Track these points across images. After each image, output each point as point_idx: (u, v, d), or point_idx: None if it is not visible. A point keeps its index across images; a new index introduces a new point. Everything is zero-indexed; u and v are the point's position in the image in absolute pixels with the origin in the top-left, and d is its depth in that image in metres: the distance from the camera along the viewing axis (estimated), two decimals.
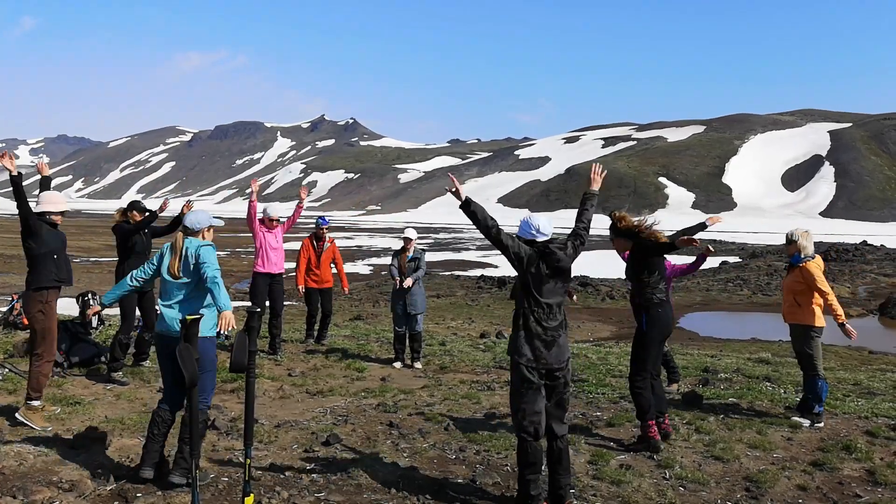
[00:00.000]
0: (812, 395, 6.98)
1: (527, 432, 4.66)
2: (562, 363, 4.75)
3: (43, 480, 4.96)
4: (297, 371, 9.02)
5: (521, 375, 4.71)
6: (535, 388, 4.70)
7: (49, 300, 6.45)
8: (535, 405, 4.68)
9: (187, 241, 5.19)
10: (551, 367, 4.72)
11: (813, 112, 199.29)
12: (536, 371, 4.69)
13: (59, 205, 6.59)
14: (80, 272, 29.74)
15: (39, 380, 6.37)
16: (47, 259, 6.41)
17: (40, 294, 6.40)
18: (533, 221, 4.89)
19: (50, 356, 6.51)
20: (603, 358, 10.85)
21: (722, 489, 5.28)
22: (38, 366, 6.38)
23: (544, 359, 4.69)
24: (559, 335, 4.77)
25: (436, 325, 18.66)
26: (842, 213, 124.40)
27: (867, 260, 39.46)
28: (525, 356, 4.70)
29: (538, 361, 4.69)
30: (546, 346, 4.70)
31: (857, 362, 14.01)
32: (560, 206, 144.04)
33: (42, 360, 6.41)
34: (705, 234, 55.41)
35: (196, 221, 5.25)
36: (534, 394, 4.70)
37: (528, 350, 4.70)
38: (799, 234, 7.20)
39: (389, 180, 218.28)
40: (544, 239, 4.85)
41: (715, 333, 19.40)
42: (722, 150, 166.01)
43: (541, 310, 4.73)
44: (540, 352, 4.69)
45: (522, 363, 4.70)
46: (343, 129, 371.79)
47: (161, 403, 5.11)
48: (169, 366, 5.07)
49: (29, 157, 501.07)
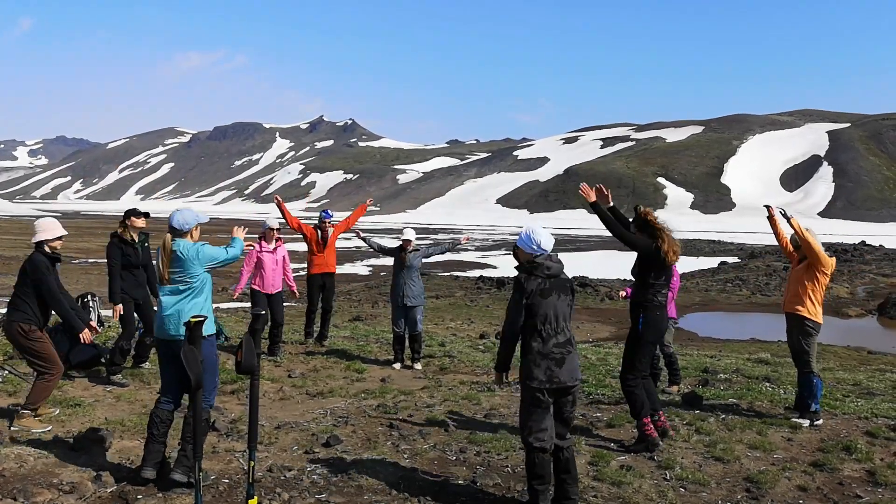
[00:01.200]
0: (807, 393, 6.98)
1: (534, 448, 4.66)
2: (575, 381, 4.74)
3: (43, 482, 4.96)
4: (297, 372, 9.01)
5: (532, 396, 4.69)
6: (545, 406, 4.69)
7: (31, 329, 6.35)
8: (543, 423, 4.68)
9: (175, 244, 5.11)
10: (565, 385, 4.69)
11: (811, 112, 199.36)
12: (549, 392, 4.68)
13: (55, 231, 6.46)
14: (79, 274, 29.69)
15: (42, 393, 6.32)
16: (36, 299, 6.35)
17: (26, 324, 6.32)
18: (535, 237, 4.80)
19: (58, 372, 6.44)
20: (602, 359, 10.86)
21: (722, 490, 5.28)
22: (47, 381, 6.33)
23: (558, 377, 4.66)
24: (568, 352, 4.74)
25: (435, 325, 18.67)
26: (840, 214, 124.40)
27: (866, 260, 39.53)
28: (538, 379, 4.65)
29: (552, 382, 4.65)
30: (557, 364, 4.68)
31: (856, 362, 14.02)
32: (559, 206, 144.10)
33: (53, 376, 6.37)
34: (701, 234, 54.99)
35: (184, 222, 5.17)
36: (543, 412, 4.69)
37: (540, 372, 4.66)
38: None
39: (388, 181, 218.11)
40: (543, 255, 4.81)
41: (714, 334, 19.42)
42: (720, 150, 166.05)
43: (548, 326, 4.70)
44: (552, 371, 4.66)
45: (535, 386, 4.66)
46: (342, 130, 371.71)
47: (159, 402, 5.10)
48: (170, 367, 5.08)
49: (27, 159, 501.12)
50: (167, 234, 5.15)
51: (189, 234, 5.21)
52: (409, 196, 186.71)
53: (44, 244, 6.39)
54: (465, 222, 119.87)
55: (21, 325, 6.29)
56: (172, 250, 5.09)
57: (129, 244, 8.00)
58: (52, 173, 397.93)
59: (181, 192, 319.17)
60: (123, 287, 7.91)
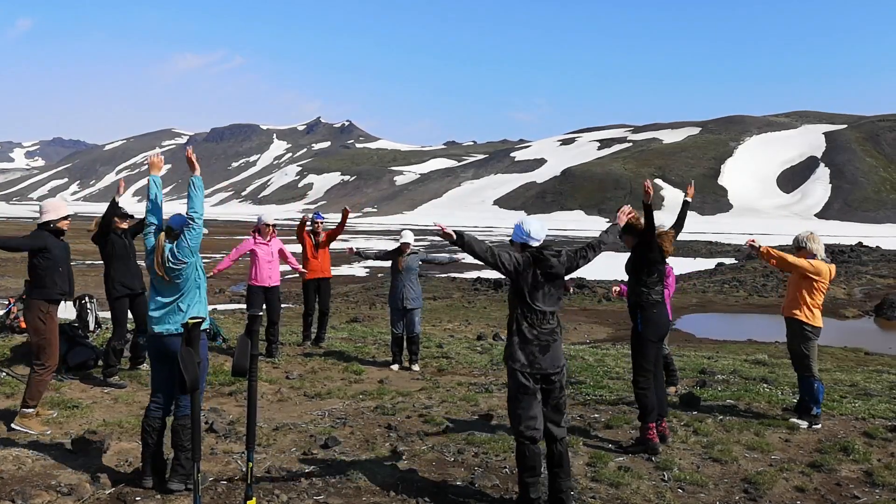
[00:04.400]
0: (809, 397, 6.97)
1: (525, 437, 4.68)
2: (557, 368, 4.78)
3: (42, 484, 4.95)
4: (295, 374, 9.01)
5: (516, 381, 4.73)
6: (532, 393, 4.72)
7: (51, 311, 6.43)
8: (531, 410, 4.70)
9: (167, 242, 5.10)
10: (546, 372, 4.74)
11: (808, 113, 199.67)
12: (532, 376, 4.71)
13: (60, 210, 6.54)
14: (76, 275, 29.60)
15: (38, 388, 6.35)
16: (53, 272, 6.39)
17: (42, 304, 6.38)
18: (525, 226, 4.92)
19: (52, 366, 6.47)
20: (600, 360, 10.86)
21: (720, 491, 5.29)
22: (40, 374, 6.35)
23: (539, 363, 4.72)
24: (553, 340, 4.80)
25: (433, 327, 18.67)
26: (837, 215, 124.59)
27: (863, 261, 39.55)
28: (519, 361, 4.72)
29: (533, 367, 4.71)
30: (541, 350, 4.73)
31: (853, 363, 14.05)
32: (556, 207, 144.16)
33: (45, 369, 6.38)
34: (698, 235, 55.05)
35: (178, 223, 5.17)
36: (530, 399, 4.72)
37: (522, 355, 4.72)
38: (805, 237, 7.16)
39: (385, 182, 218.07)
40: (537, 244, 4.87)
41: (711, 335, 19.43)
42: (717, 151, 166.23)
43: (534, 315, 4.76)
44: (534, 357, 4.72)
45: (517, 368, 4.72)
46: (339, 132, 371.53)
47: (149, 409, 5.08)
48: (161, 365, 5.07)
49: (24, 160, 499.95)
50: (161, 235, 5.14)
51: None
52: (406, 197, 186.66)
53: (50, 224, 6.44)
54: (463, 224, 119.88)
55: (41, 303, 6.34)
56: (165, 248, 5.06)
57: (119, 236, 8.03)
58: (49, 175, 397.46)
59: (178, 193, 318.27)
60: (120, 279, 7.92)
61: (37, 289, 6.40)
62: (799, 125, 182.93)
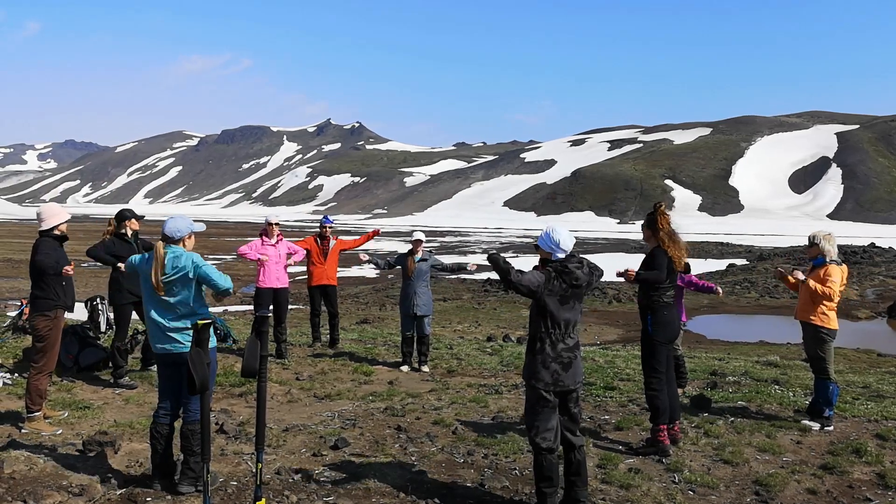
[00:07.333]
0: (822, 399, 6.93)
1: (542, 448, 4.66)
2: (578, 383, 4.77)
3: (53, 485, 4.98)
4: (305, 375, 9.02)
5: (537, 396, 4.70)
6: (552, 406, 4.70)
7: (58, 317, 6.45)
8: (549, 422, 4.68)
9: (169, 250, 5.00)
10: (568, 389, 4.72)
11: (820, 114, 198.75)
12: (553, 392, 4.69)
13: (61, 215, 6.53)
14: (88, 277, 29.86)
15: (36, 391, 6.37)
16: (57, 282, 6.40)
17: (52, 311, 6.40)
18: (555, 236, 4.78)
19: (49, 370, 6.51)
20: (610, 361, 10.82)
21: (731, 493, 5.26)
22: (36, 379, 6.39)
23: (562, 381, 4.68)
24: (575, 356, 4.75)
25: (442, 328, 18.67)
26: (849, 216, 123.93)
27: (875, 262, 39.31)
28: (543, 381, 4.67)
29: (557, 385, 4.67)
30: (563, 367, 4.69)
31: (865, 365, 13.96)
32: (566, 208, 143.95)
33: (41, 374, 6.41)
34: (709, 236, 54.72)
35: (176, 229, 5.03)
36: (549, 412, 4.69)
37: (545, 374, 4.67)
38: (822, 236, 7.14)
39: (395, 184, 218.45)
40: (563, 255, 4.79)
41: (722, 336, 19.36)
42: (728, 152, 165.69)
43: (557, 330, 4.70)
44: (558, 374, 4.67)
45: (540, 388, 4.68)
46: (349, 133, 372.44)
47: (157, 415, 5.08)
48: (166, 371, 5.07)
49: (37, 162, 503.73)
50: (159, 242, 5.04)
51: (182, 242, 5.07)
52: (416, 199, 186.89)
53: (54, 230, 6.47)
54: (473, 225, 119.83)
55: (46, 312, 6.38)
56: (165, 256, 4.95)
57: (126, 241, 8.03)
58: (61, 177, 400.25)
59: (189, 195, 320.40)
60: (129, 286, 7.94)
61: (42, 297, 6.38)
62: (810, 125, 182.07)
